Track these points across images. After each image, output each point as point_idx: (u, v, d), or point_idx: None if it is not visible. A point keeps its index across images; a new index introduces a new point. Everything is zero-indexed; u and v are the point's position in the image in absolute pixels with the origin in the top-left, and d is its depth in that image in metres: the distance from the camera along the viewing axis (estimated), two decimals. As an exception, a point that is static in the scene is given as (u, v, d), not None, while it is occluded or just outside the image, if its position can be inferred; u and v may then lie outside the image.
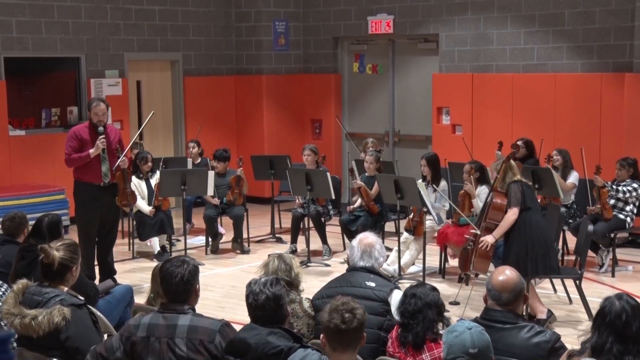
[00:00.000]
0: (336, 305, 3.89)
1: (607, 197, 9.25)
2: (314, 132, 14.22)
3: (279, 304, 4.21)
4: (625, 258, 9.85)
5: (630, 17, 10.83)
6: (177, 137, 13.73)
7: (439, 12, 12.56)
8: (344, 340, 3.85)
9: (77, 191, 8.42)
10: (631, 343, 3.67)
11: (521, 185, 7.44)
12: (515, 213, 7.36)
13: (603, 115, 11.08)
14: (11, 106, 11.81)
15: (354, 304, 3.91)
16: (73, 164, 8.32)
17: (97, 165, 8.28)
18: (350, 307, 3.87)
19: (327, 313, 3.88)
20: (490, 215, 7.58)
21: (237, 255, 10.54)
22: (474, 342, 3.70)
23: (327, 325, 3.86)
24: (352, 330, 3.84)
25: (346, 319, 3.82)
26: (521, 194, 7.39)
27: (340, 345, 3.86)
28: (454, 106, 12.43)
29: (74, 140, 8.28)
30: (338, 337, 3.84)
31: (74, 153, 8.25)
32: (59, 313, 4.51)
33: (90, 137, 8.27)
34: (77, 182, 8.41)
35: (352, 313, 3.85)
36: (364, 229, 8.98)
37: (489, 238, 7.45)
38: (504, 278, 4.32)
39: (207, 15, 13.76)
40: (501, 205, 7.51)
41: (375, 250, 5.24)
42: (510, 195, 7.41)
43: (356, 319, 3.84)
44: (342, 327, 3.82)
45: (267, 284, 4.25)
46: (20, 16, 11.77)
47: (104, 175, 8.32)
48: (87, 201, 8.32)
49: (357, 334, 3.87)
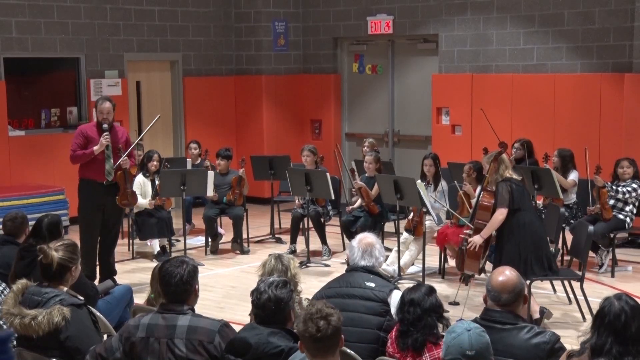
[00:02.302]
0: (310, 313, 3.80)
1: (606, 197, 9.25)
2: (313, 133, 14.22)
3: (279, 307, 4.20)
4: (625, 258, 9.85)
5: (630, 18, 10.83)
6: (176, 137, 13.73)
7: (439, 12, 12.56)
8: (322, 348, 3.79)
9: (81, 189, 8.51)
10: (630, 343, 3.67)
11: (510, 185, 7.30)
12: (503, 213, 7.27)
13: (603, 116, 11.08)
14: (11, 106, 11.81)
15: (328, 310, 3.81)
16: (77, 160, 8.41)
17: (102, 163, 8.36)
18: (324, 314, 3.78)
19: (302, 322, 3.80)
20: (479, 215, 7.54)
21: (236, 255, 10.54)
22: (471, 344, 3.69)
23: (302, 334, 3.80)
24: (329, 337, 3.77)
25: (321, 327, 3.75)
26: (509, 193, 7.26)
27: (319, 352, 3.80)
28: (454, 106, 12.43)
29: (80, 138, 8.39)
30: (316, 345, 3.78)
31: (79, 150, 8.33)
32: (59, 313, 4.51)
33: (96, 135, 8.37)
34: (82, 180, 8.49)
35: (327, 320, 3.77)
36: (364, 229, 8.98)
37: (477, 238, 7.44)
38: (503, 279, 4.31)
39: (206, 16, 13.76)
40: (488, 205, 7.46)
41: (376, 249, 5.24)
42: (498, 195, 7.33)
43: (331, 325, 3.76)
44: (317, 335, 3.75)
45: (272, 285, 4.25)
46: (19, 16, 11.77)
47: (107, 173, 8.37)
48: (91, 199, 8.36)
49: (334, 340, 3.81)
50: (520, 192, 7.37)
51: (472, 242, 7.43)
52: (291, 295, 4.28)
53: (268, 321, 4.19)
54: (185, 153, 12.62)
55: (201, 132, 13.21)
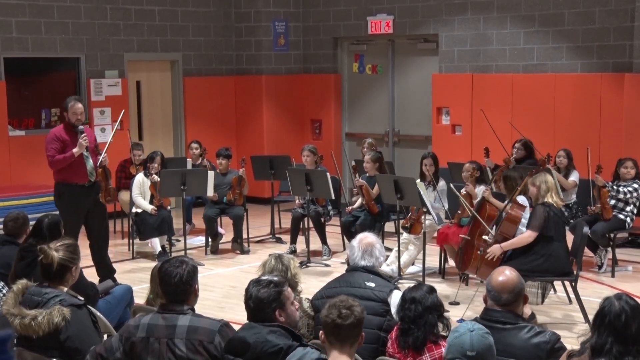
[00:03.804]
0: (335, 301, 3.97)
1: (607, 197, 9.24)
2: (313, 132, 14.22)
3: (258, 307, 4.16)
4: (625, 258, 9.85)
5: (630, 17, 10.83)
6: (176, 137, 13.73)
7: (439, 12, 12.56)
8: (340, 335, 3.88)
9: (62, 194, 8.42)
10: (631, 343, 3.67)
11: (548, 211, 7.23)
12: (532, 236, 7.22)
13: (603, 116, 11.08)
14: (11, 106, 11.81)
15: (352, 302, 3.97)
16: (58, 165, 8.34)
17: (81, 165, 8.33)
18: (348, 304, 3.94)
19: (326, 309, 3.96)
20: (504, 227, 7.47)
21: (236, 255, 10.54)
22: (472, 344, 3.69)
23: (324, 320, 3.92)
24: (349, 326, 3.87)
25: (343, 314, 3.88)
26: (544, 220, 7.20)
27: (336, 340, 3.89)
28: (454, 106, 12.43)
29: (56, 142, 8.32)
30: (335, 331, 3.88)
31: (57, 154, 8.29)
32: (59, 313, 4.51)
33: (70, 138, 8.33)
34: (62, 185, 8.42)
35: (350, 309, 3.91)
36: (363, 228, 8.99)
37: (497, 249, 7.39)
38: (503, 278, 4.31)
39: (206, 16, 13.76)
40: (515, 218, 7.41)
41: (376, 249, 5.24)
42: (534, 216, 7.26)
43: (353, 315, 3.90)
44: (338, 321, 3.87)
45: (259, 284, 4.24)
46: (20, 16, 11.77)
47: (89, 173, 8.37)
48: (73, 203, 8.33)
49: (354, 331, 3.90)
50: (556, 221, 7.28)
51: (491, 252, 7.40)
52: (276, 296, 4.19)
53: (254, 319, 4.19)
54: (186, 153, 12.63)
55: (201, 132, 13.20)
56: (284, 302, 4.22)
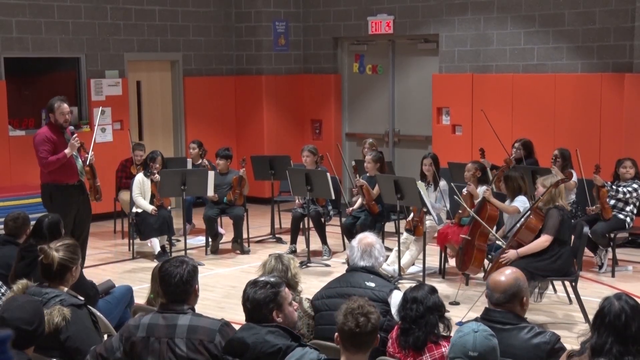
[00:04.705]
0: (352, 308, 3.91)
1: (606, 197, 9.24)
2: (313, 133, 14.22)
3: (254, 308, 4.16)
4: (625, 258, 9.85)
5: (630, 18, 10.83)
6: (177, 137, 13.73)
7: (439, 12, 12.56)
8: (357, 343, 3.89)
9: (52, 195, 8.43)
10: (631, 343, 3.66)
11: (562, 214, 7.30)
12: (549, 240, 7.27)
13: (603, 116, 11.08)
14: (11, 106, 11.81)
15: (369, 308, 3.93)
16: (52, 166, 8.34)
17: (72, 165, 8.40)
18: (365, 311, 3.89)
19: (342, 315, 3.91)
20: (522, 234, 7.47)
21: (237, 255, 10.54)
22: (475, 345, 3.68)
23: (341, 328, 3.90)
24: (366, 334, 3.87)
25: (360, 323, 3.86)
26: (559, 223, 7.26)
27: (352, 347, 3.90)
28: (454, 106, 12.43)
29: (48, 144, 8.34)
30: (351, 339, 3.88)
31: (50, 156, 8.31)
32: (59, 313, 4.51)
33: (58, 138, 8.37)
34: (52, 185, 8.42)
35: (367, 317, 3.88)
36: (363, 228, 8.99)
37: (512, 255, 7.40)
38: (499, 278, 4.31)
39: (207, 16, 13.76)
40: (535, 228, 7.42)
41: (375, 249, 5.24)
42: (549, 220, 7.30)
43: (370, 323, 3.87)
44: (356, 330, 3.85)
45: (255, 285, 4.23)
46: (20, 16, 11.77)
47: (80, 173, 8.47)
48: (65, 203, 8.35)
49: (371, 337, 3.91)
50: (569, 224, 7.36)
51: (507, 258, 7.40)
52: (273, 297, 4.18)
53: (252, 320, 4.19)
54: (186, 153, 12.63)
55: (201, 132, 13.20)
56: (281, 302, 4.21)
